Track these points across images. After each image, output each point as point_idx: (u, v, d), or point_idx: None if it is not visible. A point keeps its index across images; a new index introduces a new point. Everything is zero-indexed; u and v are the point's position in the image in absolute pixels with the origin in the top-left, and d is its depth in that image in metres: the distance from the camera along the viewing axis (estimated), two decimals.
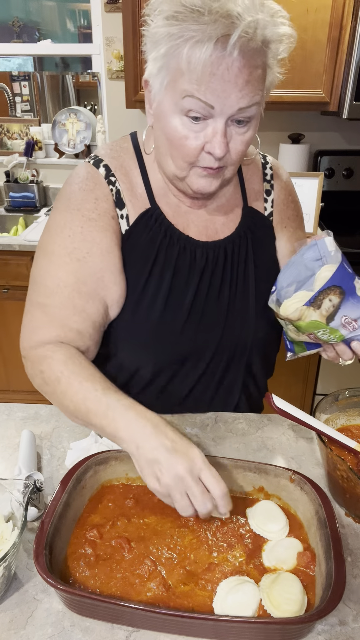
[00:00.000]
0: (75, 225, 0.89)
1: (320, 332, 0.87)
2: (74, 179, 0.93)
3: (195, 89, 0.75)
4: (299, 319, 0.86)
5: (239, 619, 0.63)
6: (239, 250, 0.99)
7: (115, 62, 2.58)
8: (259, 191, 1.03)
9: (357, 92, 2.12)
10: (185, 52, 0.74)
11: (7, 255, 2.31)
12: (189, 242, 0.95)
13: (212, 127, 0.79)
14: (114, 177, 0.92)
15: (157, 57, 0.77)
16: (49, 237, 0.92)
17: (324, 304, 0.83)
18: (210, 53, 0.72)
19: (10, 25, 2.93)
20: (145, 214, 0.93)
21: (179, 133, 0.81)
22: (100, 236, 0.90)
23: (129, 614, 0.64)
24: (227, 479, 0.82)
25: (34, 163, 2.85)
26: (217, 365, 1.01)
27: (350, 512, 0.83)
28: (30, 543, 0.76)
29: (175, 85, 0.77)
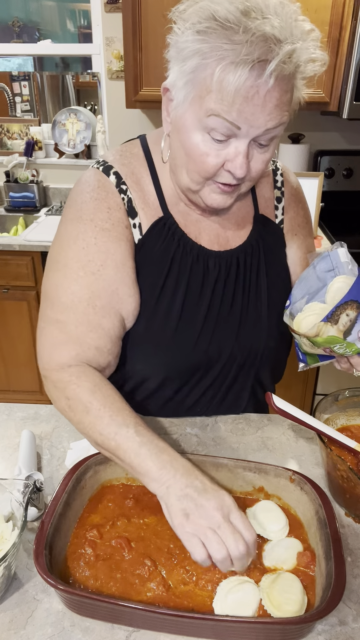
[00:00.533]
0: (88, 236, 0.86)
1: (336, 346, 0.85)
2: (84, 188, 0.89)
3: (224, 110, 0.72)
4: (316, 335, 0.85)
5: (239, 619, 0.63)
6: (251, 259, 0.97)
7: (115, 62, 2.58)
8: (270, 199, 1.02)
9: (357, 92, 2.12)
10: (217, 73, 0.70)
11: (7, 255, 2.31)
12: (202, 252, 0.94)
13: (234, 147, 0.77)
14: (125, 185, 0.89)
15: (184, 70, 0.74)
16: (61, 250, 0.89)
17: (341, 319, 0.82)
18: (246, 78, 0.69)
19: (10, 25, 2.93)
20: (158, 222, 0.91)
21: (199, 150, 0.78)
22: (114, 247, 0.87)
23: (129, 614, 0.64)
24: (227, 479, 0.82)
25: (34, 163, 2.85)
26: (226, 375, 1.00)
27: (350, 512, 0.83)
28: (30, 543, 0.76)
29: (201, 102, 0.74)
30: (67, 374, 0.86)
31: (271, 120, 0.74)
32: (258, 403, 1.10)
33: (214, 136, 0.76)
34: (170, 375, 0.97)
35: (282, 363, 1.12)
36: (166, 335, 0.92)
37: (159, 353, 0.94)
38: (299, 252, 1.06)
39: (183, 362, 0.95)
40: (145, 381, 0.99)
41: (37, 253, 2.30)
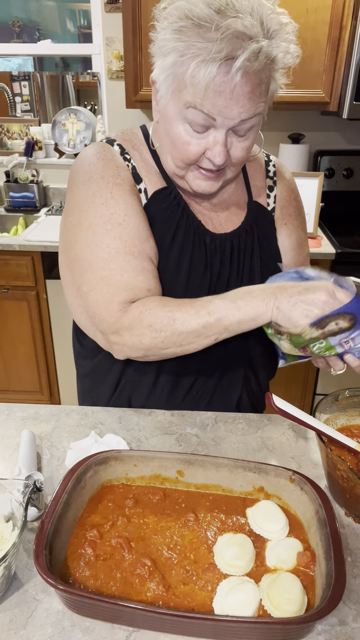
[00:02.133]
0: (104, 192, 0.89)
1: (315, 346, 0.86)
2: (89, 153, 0.92)
3: (198, 103, 0.78)
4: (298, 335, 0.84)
5: (239, 619, 0.63)
6: (244, 243, 1.00)
7: (115, 62, 2.58)
8: (262, 187, 1.05)
9: (357, 92, 2.12)
10: (190, 69, 0.75)
11: (7, 255, 2.31)
12: (200, 228, 0.97)
13: (213, 137, 0.82)
14: (129, 155, 0.94)
15: (164, 66, 0.80)
16: (80, 212, 0.90)
17: (329, 326, 0.82)
18: (214, 75, 0.74)
19: (10, 25, 2.93)
20: (164, 190, 0.95)
21: (182, 139, 0.83)
22: (130, 199, 0.90)
23: (129, 614, 0.64)
24: (227, 479, 0.82)
25: (34, 163, 2.85)
26: (218, 357, 1.02)
27: (350, 512, 0.83)
28: (30, 543, 0.76)
29: (179, 95, 0.80)
30: (133, 311, 0.87)
31: (244, 112, 0.79)
32: (252, 393, 1.11)
33: (193, 127, 0.82)
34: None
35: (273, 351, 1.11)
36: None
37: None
38: (287, 241, 1.08)
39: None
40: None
41: (37, 253, 2.30)
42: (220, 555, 0.72)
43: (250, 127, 0.83)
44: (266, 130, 2.92)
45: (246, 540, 0.74)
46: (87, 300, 0.90)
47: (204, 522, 0.78)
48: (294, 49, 0.80)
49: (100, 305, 0.89)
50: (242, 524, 0.78)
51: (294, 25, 0.80)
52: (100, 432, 1.00)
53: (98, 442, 0.93)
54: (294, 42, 0.80)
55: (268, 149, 2.58)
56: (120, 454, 0.83)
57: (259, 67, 0.76)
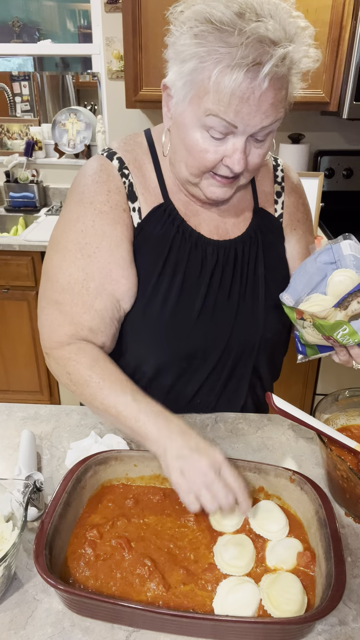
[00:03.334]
0: (87, 219, 0.90)
1: (339, 333, 0.85)
2: (87, 171, 0.93)
3: (221, 111, 0.76)
4: (324, 319, 0.85)
5: (239, 619, 0.63)
6: (249, 250, 0.99)
7: (115, 62, 2.58)
8: (270, 193, 1.04)
9: (357, 92, 2.12)
10: (214, 75, 0.73)
11: (7, 255, 2.31)
12: (200, 240, 0.96)
13: (232, 144, 0.80)
14: (127, 170, 0.93)
15: (183, 72, 0.77)
16: (62, 232, 0.93)
17: (351, 305, 0.82)
18: (241, 81, 0.72)
19: (10, 25, 2.93)
20: (158, 208, 0.94)
21: (199, 146, 0.82)
22: (110, 229, 0.90)
23: (129, 614, 0.64)
24: None
25: (34, 163, 2.85)
26: (224, 365, 1.01)
27: (350, 512, 0.83)
28: (30, 543, 0.76)
29: (199, 102, 0.77)
30: (66, 351, 0.91)
31: (267, 118, 0.78)
32: (257, 398, 1.10)
33: (212, 134, 0.80)
34: (167, 361, 0.99)
35: (280, 356, 1.12)
36: (163, 318, 0.94)
37: (157, 336, 0.96)
38: (297, 246, 1.07)
39: (180, 346, 0.97)
40: (144, 365, 1.00)
41: (37, 253, 2.30)
42: (220, 555, 0.72)
43: (269, 133, 0.82)
44: None
45: (246, 540, 0.74)
46: (40, 315, 0.96)
47: (204, 522, 0.78)
48: (314, 53, 0.78)
49: (46, 326, 0.95)
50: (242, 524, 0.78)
51: (312, 29, 0.78)
52: (100, 432, 1.00)
53: (98, 442, 0.93)
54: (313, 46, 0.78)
55: None
56: (120, 454, 0.83)
57: (283, 72, 0.74)
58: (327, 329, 0.86)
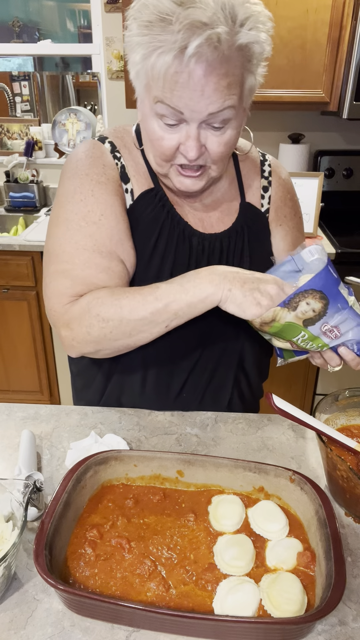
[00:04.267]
0: (85, 189, 0.89)
1: (299, 338, 0.84)
2: (79, 149, 0.94)
3: (165, 97, 0.78)
4: (272, 320, 0.83)
5: (239, 619, 0.63)
6: (234, 244, 0.99)
7: (115, 62, 2.58)
8: (257, 188, 1.04)
9: (357, 92, 2.12)
10: (151, 62, 0.76)
11: (7, 255, 2.31)
12: (187, 229, 0.96)
13: (185, 131, 0.81)
14: (119, 154, 0.94)
15: (134, 62, 0.80)
16: (60, 206, 0.91)
17: (300, 307, 0.81)
18: (170, 64, 0.74)
19: (10, 25, 2.93)
20: (150, 192, 0.94)
21: (156, 134, 0.83)
22: (112, 200, 0.90)
23: (129, 614, 0.64)
24: (227, 479, 0.82)
25: (34, 163, 2.85)
26: (208, 358, 1.02)
27: (350, 512, 0.83)
28: (30, 543, 0.76)
29: (149, 90, 0.80)
30: (81, 301, 0.87)
31: (212, 104, 0.77)
32: (243, 393, 1.10)
33: (165, 122, 0.81)
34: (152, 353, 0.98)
35: (265, 352, 1.11)
36: None
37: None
38: (282, 243, 1.06)
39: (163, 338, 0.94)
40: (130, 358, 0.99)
41: (37, 253, 2.30)
42: (220, 555, 0.72)
43: (225, 120, 0.80)
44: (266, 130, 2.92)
45: (246, 540, 0.74)
46: (46, 292, 0.91)
47: (204, 522, 0.78)
48: (265, 38, 0.77)
49: (55, 296, 0.90)
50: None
51: (267, 13, 0.77)
52: (100, 432, 1.00)
53: (98, 442, 0.93)
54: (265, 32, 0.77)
55: (268, 149, 2.59)
56: (120, 454, 0.83)
57: (219, 56, 0.73)
58: (283, 334, 0.85)
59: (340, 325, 0.83)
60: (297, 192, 1.13)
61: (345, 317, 0.83)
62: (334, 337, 0.84)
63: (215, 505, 0.80)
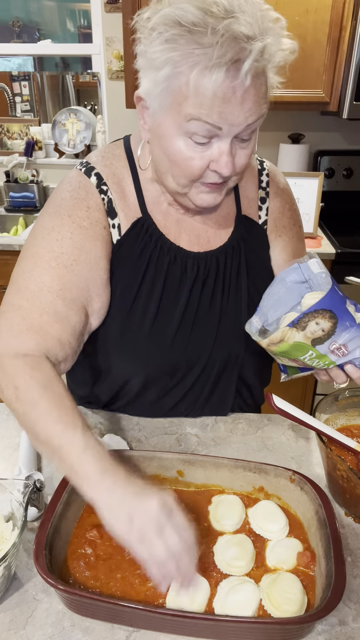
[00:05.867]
0: (64, 230, 0.86)
1: (306, 357, 0.83)
2: (65, 187, 0.90)
3: (203, 114, 0.73)
4: (280, 340, 0.83)
5: (239, 619, 0.63)
6: (231, 260, 0.97)
7: (115, 62, 2.58)
8: (254, 199, 1.01)
9: (357, 92, 2.12)
10: (192, 79, 0.70)
11: (7, 255, 2.31)
12: (179, 253, 0.94)
13: (217, 147, 0.77)
14: (106, 186, 0.90)
15: (158, 80, 0.74)
16: (34, 240, 0.88)
17: (309, 327, 0.80)
18: (222, 81, 0.69)
19: (10, 25, 2.93)
20: (137, 223, 0.91)
21: (183, 155, 0.78)
22: (90, 245, 0.87)
23: (129, 614, 0.64)
24: (227, 479, 0.82)
25: (34, 163, 2.85)
26: (208, 376, 1.00)
27: (350, 512, 0.83)
28: (30, 543, 0.76)
29: (179, 109, 0.74)
30: (21, 362, 0.80)
31: (251, 116, 0.75)
32: (245, 404, 1.10)
33: (195, 140, 0.77)
34: (150, 376, 0.97)
35: (267, 366, 1.10)
36: (142, 335, 0.93)
37: (137, 353, 0.94)
38: (282, 254, 1.04)
39: (161, 362, 0.96)
40: (130, 381, 0.99)
41: None
42: (220, 555, 0.72)
43: (253, 132, 0.79)
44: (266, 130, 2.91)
45: (246, 540, 0.74)
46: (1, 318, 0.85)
47: (204, 522, 0.78)
48: (290, 44, 0.76)
49: (3, 332, 0.84)
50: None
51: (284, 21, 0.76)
52: (100, 432, 1.00)
53: None
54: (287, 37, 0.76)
55: (268, 149, 2.59)
56: (120, 454, 0.83)
57: (262, 67, 0.72)
58: (289, 353, 0.84)
59: (348, 344, 0.82)
60: (297, 192, 1.12)
61: (353, 335, 0.82)
62: (342, 354, 0.83)
63: (215, 505, 0.80)
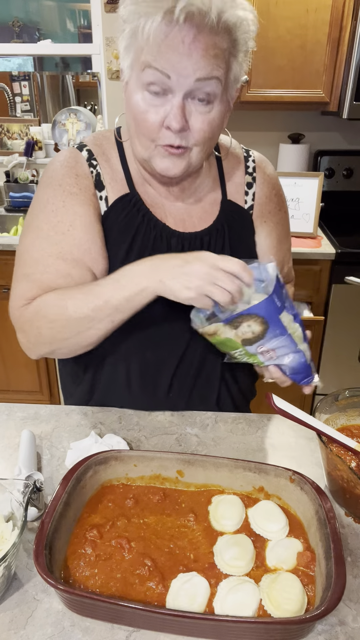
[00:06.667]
0: (57, 199, 0.91)
1: (237, 352, 0.88)
2: (57, 158, 0.96)
3: (152, 59, 0.78)
4: (213, 333, 0.86)
5: (239, 619, 0.63)
6: (215, 242, 0.99)
7: (115, 62, 2.58)
8: (240, 184, 1.04)
9: (357, 92, 2.12)
10: (141, 26, 0.76)
11: (7, 255, 2.31)
12: (165, 230, 0.97)
13: (170, 102, 0.81)
14: (96, 161, 0.95)
15: (124, 37, 0.81)
16: (33, 215, 0.94)
17: (241, 327, 0.83)
18: (159, 22, 0.75)
19: (10, 25, 2.93)
20: (124, 197, 0.96)
21: (140, 108, 0.83)
22: (82, 210, 0.92)
23: (129, 614, 0.64)
24: (227, 479, 0.82)
25: (34, 163, 2.85)
26: (193, 355, 1.02)
27: (350, 512, 0.83)
28: (30, 543, 0.76)
29: (138, 61, 0.80)
30: (32, 305, 0.92)
31: (199, 69, 0.78)
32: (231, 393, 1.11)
33: (151, 90, 0.81)
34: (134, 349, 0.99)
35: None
36: None
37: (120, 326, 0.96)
38: (267, 239, 1.06)
39: (145, 333, 0.98)
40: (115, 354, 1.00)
41: None
42: (220, 555, 0.72)
43: (210, 95, 0.81)
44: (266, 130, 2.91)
45: (246, 540, 0.74)
46: (13, 290, 0.96)
47: (204, 522, 0.78)
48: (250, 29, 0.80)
49: (14, 299, 0.95)
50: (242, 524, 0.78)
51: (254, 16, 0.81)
52: (100, 432, 1.00)
53: (98, 442, 0.93)
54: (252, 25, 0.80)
55: (268, 149, 2.59)
56: (120, 454, 0.83)
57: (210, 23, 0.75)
58: (223, 346, 0.88)
59: (276, 350, 0.87)
60: (297, 192, 1.13)
61: (282, 343, 0.86)
62: (269, 358, 0.88)
63: (215, 505, 0.80)
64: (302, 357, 0.89)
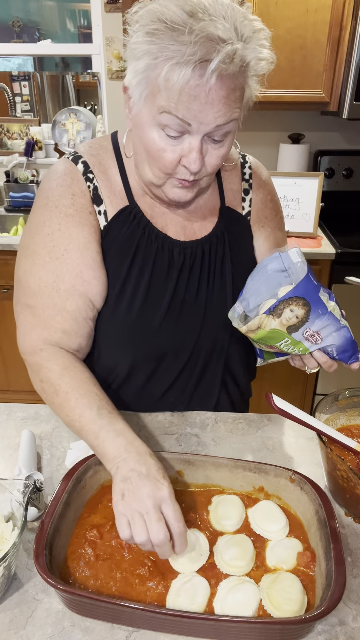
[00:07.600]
0: (53, 222, 0.91)
1: (282, 343, 0.86)
2: (52, 175, 0.94)
3: (173, 107, 0.76)
4: (258, 327, 0.85)
5: (239, 619, 0.63)
6: (216, 248, 1.00)
7: (115, 62, 2.58)
8: (237, 191, 1.04)
9: (357, 92, 2.12)
10: (164, 72, 0.74)
11: (7, 255, 2.31)
12: (167, 241, 0.96)
13: (188, 143, 0.80)
14: (92, 174, 0.93)
15: (137, 70, 0.78)
16: (30, 237, 0.94)
17: (284, 313, 0.83)
18: (189, 78, 0.73)
19: (10, 25, 2.93)
20: (124, 210, 0.95)
21: (156, 145, 0.82)
22: (77, 232, 0.91)
23: (129, 614, 0.64)
24: (227, 479, 0.82)
25: (34, 163, 2.85)
26: (195, 364, 1.02)
27: (350, 512, 0.83)
28: (30, 543, 0.76)
29: (153, 100, 0.78)
30: (39, 357, 0.92)
31: (220, 117, 0.78)
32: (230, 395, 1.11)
33: (168, 133, 0.80)
34: (137, 361, 0.99)
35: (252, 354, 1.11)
36: (130, 320, 0.95)
37: (125, 336, 0.97)
38: (266, 243, 1.07)
39: (148, 347, 0.98)
40: (117, 366, 1.00)
41: None
42: (220, 555, 0.72)
43: (225, 134, 0.82)
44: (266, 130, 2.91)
45: (246, 540, 0.74)
46: (17, 319, 0.97)
47: (204, 522, 0.78)
48: (269, 55, 0.79)
49: (21, 331, 0.96)
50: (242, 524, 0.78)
51: (267, 32, 0.79)
52: None
53: None
54: (267, 48, 0.79)
55: (268, 149, 2.59)
56: None
57: (233, 71, 0.74)
58: (267, 339, 0.87)
59: (321, 331, 0.86)
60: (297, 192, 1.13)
61: (326, 322, 0.85)
62: (315, 341, 0.87)
63: (215, 505, 0.80)
64: (347, 332, 0.88)
